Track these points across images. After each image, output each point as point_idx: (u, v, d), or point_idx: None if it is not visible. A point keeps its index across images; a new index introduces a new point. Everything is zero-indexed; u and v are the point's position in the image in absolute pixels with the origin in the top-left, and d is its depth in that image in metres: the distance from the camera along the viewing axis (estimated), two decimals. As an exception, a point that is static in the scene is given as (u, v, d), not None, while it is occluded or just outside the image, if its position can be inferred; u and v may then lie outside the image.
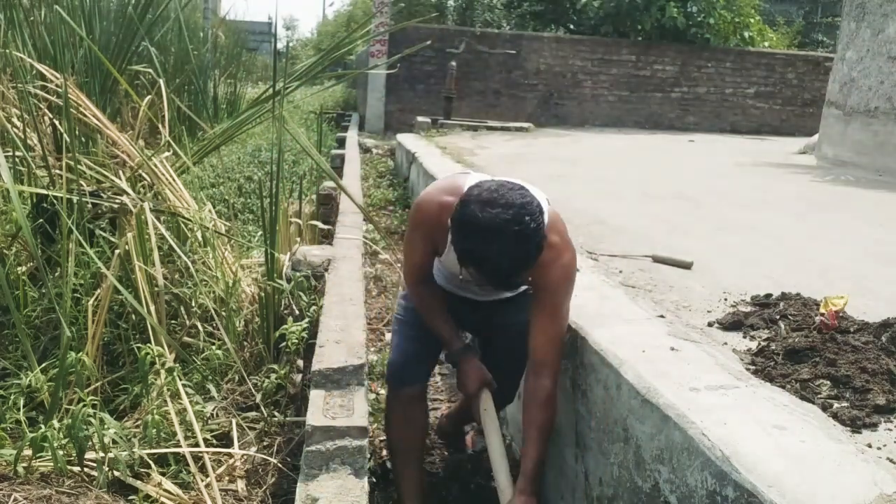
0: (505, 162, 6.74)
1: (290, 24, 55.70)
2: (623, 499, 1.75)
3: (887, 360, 1.71)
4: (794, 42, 18.26)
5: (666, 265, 2.91)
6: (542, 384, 1.89)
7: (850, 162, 7.72)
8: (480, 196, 1.70)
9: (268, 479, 2.16)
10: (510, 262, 1.68)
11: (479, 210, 1.67)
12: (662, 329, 2.04)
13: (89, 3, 3.84)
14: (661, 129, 12.98)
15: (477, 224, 1.66)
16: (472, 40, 12.34)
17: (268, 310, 2.76)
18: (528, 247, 1.68)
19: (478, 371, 2.09)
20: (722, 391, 1.60)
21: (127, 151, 3.28)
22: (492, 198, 1.68)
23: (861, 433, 1.45)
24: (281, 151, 3.09)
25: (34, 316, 2.62)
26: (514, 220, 1.65)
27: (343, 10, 30.22)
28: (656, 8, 12.49)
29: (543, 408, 1.89)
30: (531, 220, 1.67)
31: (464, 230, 1.70)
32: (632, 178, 6.08)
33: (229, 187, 5.30)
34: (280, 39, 28.84)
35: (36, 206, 2.90)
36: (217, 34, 8.93)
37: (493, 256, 1.67)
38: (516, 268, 1.71)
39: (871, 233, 4.01)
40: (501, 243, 1.65)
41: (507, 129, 10.89)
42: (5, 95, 3.30)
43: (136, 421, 2.31)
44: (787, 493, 1.19)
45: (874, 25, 7.61)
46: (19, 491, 1.80)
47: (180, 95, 5.59)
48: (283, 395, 2.54)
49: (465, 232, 1.70)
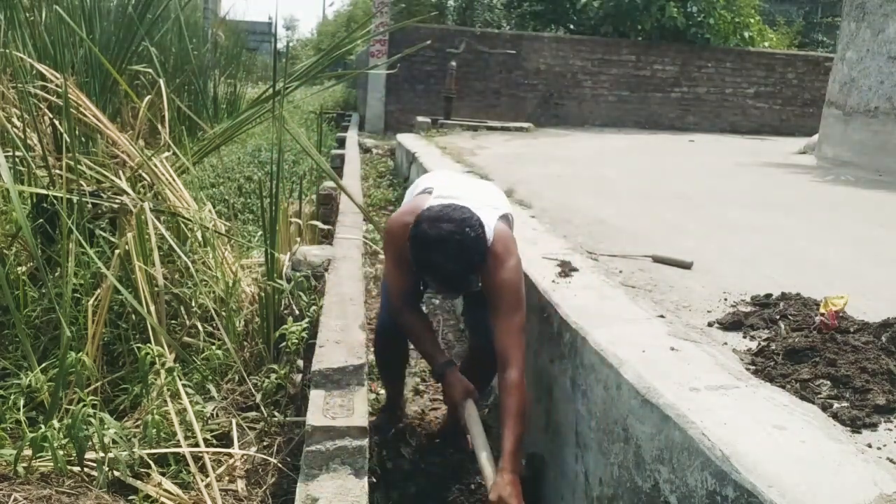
0: (505, 162, 6.74)
1: (291, 24, 55.75)
2: (623, 499, 1.75)
3: (887, 360, 1.71)
4: (794, 42, 18.25)
5: (666, 265, 2.91)
6: (508, 375, 2.11)
7: (850, 162, 7.72)
8: (430, 215, 2.09)
9: (268, 479, 2.16)
10: (455, 267, 2.05)
11: (427, 227, 2.06)
12: (662, 329, 2.04)
13: (89, 3, 3.84)
14: (661, 129, 12.98)
15: (426, 237, 2.05)
16: (472, 40, 12.33)
17: (268, 310, 2.76)
18: (469, 254, 2.05)
19: (461, 382, 2.29)
20: (722, 391, 1.60)
21: (127, 151, 3.28)
22: (438, 216, 2.07)
23: (861, 433, 1.45)
24: (281, 151, 3.09)
25: (34, 316, 2.62)
26: (457, 232, 2.03)
27: (343, 10, 30.22)
28: (656, 8, 12.49)
29: (514, 395, 2.09)
30: (471, 231, 2.05)
31: (416, 244, 2.08)
32: (632, 178, 6.08)
33: (229, 187, 5.30)
34: (280, 39, 28.81)
35: (36, 206, 2.90)
36: (217, 34, 8.93)
37: (441, 263, 2.05)
38: (462, 272, 2.08)
39: (871, 233, 4.01)
40: (448, 252, 2.03)
41: (507, 129, 10.89)
42: (5, 95, 3.30)
43: (136, 421, 2.31)
44: (787, 493, 1.19)
45: (874, 25, 7.61)
46: (19, 491, 1.80)
47: (180, 95, 5.59)
48: (283, 395, 2.54)
49: (418, 245, 2.08)
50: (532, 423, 2.58)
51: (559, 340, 2.25)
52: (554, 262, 2.78)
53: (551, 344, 2.34)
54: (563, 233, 3.49)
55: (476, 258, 2.08)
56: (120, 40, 3.86)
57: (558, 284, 2.50)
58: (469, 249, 2.05)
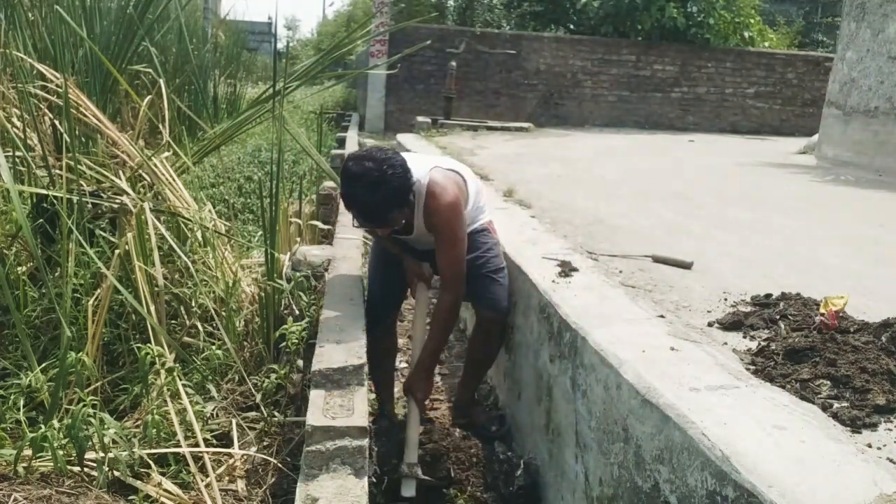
0: (505, 162, 6.73)
1: (292, 24, 55.73)
2: (623, 499, 1.75)
3: (887, 360, 1.71)
4: (794, 42, 18.23)
5: (666, 265, 2.91)
6: (444, 297, 2.55)
7: (850, 162, 7.72)
8: (357, 153, 2.39)
9: (268, 479, 2.16)
10: (370, 199, 2.28)
11: (352, 163, 2.32)
12: (662, 329, 2.04)
13: (89, 3, 3.84)
14: (661, 129, 12.97)
15: (349, 172, 2.31)
16: (472, 40, 12.33)
17: (268, 310, 2.76)
18: (385, 190, 2.27)
19: (415, 266, 2.74)
20: (722, 391, 1.60)
21: (127, 151, 3.28)
22: (363, 154, 2.35)
23: (861, 433, 1.44)
24: (281, 151, 3.09)
25: (34, 316, 2.62)
26: (376, 169, 2.27)
27: (343, 10, 30.18)
28: (656, 8, 12.48)
29: (445, 312, 2.56)
30: (390, 170, 2.28)
31: (342, 178, 2.34)
32: (632, 178, 6.08)
33: (229, 187, 5.30)
34: (280, 39, 28.80)
35: (36, 206, 2.90)
36: (217, 34, 8.92)
37: (359, 196, 2.30)
38: (378, 206, 2.30)
39: (871, 233, 4.01)
40: (365, 186, 2.26)
41: (507, 129, 10.89)
42: (5, 95, 3.29)
43: (136, 421, 2.31)
44: (787, 493, 1.19)
45: (874, 25, 7.61)
46: (19, 491, 1.80)
47: (180, 95, 5.59)
48: (283, 395, 2.54)
49: (343, 179, 2.33)
50: (532, 423, 2.58)
51: (559, 340, 2.25)
52: (554, 262, 2.77)
53: (551, 344, 2.34)
54: (563, 233, 3.49)
55: (393, 196, 2.30)
56: (120, 40, 3.86)
57: (558, 284, 2.50)
58: (385, 185, 2.27)
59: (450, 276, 2.53)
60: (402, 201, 2.36)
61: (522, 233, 3.38)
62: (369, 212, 2.35)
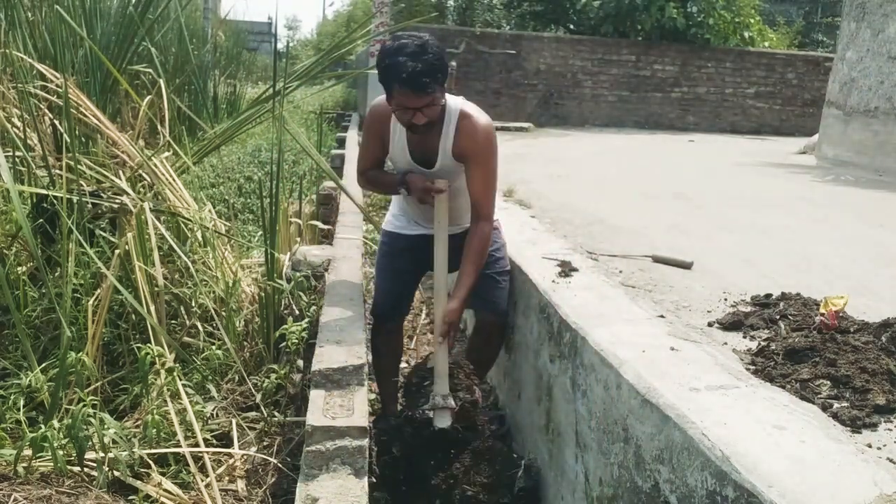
0: (504, 162, 6.68)
1: (293, 24, 55.73)
2: (623, 499, 1.75)
3: (887, 360, 1.71)
4: (794, 42, 18.23)
5: (666, 265, 2.91)
6: (482, 225, 2.45)
7: (850, 162, 7.72)
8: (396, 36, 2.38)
9: (268, 479, 2.16)
10: (415, 64, 2.24)
11: (392, 40, 2.33)
12: (662, 329, 2.04)
13: (89, 3, 3.84)
14: (661, 129, 12.97)
15: (389, 47, 2.30)
16: (472, 40, 12.33)
17: (268, 310, 2.76)
18: (428, 56, 2.27)
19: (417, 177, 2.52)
20: (722, 391, 1.60)
21: (127, 151, 3.28)
22: (402, 36, 2.34)
23: (861, 433, 1.44)
24: (281, 151, 3.09)
25: (34, 316, 2.62)
26: (416, 40, 2.30)
27: (343, 10, 30.22)
28: (656, 8, 12.48)
29: (478, 240, 2.44)
30: (431, 41, 2.32)
31: (381, 55, 2.31)
32: (632, 177, 6.08)
33: (229, 187, 5.30)
34: (280, 39, 28.79)
35: (36, 206, 2.90)
36: (217, 34, 8.92)
37: (403, 61, 2.24)
38: (419, 73, 2.25)
39: (871, 233, 4.01)
40: (407, 52, 2.25)
41: (507, 128, 10.89)
42: (5, 95, 3.29)
43: (136, 421, 2.31)
44: (787, 493, 1.19)
45: (874, 25, 7.61)
46: (19, 491, 1.80)
47: (180, 95, 5.59)
48: (283, 395, 2.54)
49: (382, 55, 2.31)
50: (532, 423, 2.58)
51: (559, 340, 2.25)
52: (554, 262, 2.77)
53: (551, 344, 2.34)
54: (563, 233, 3.49)
55: (436, 62, 2.30)
56: (120, 40, 3.86)
57: (558, 284, 2.50)
58: (428, 52, 2.28)
59: (486, 202, 2.47)
60: (443, 74, 2.35)
61: (522, 233, 3.38)
62: (412, 79, 2.26)
